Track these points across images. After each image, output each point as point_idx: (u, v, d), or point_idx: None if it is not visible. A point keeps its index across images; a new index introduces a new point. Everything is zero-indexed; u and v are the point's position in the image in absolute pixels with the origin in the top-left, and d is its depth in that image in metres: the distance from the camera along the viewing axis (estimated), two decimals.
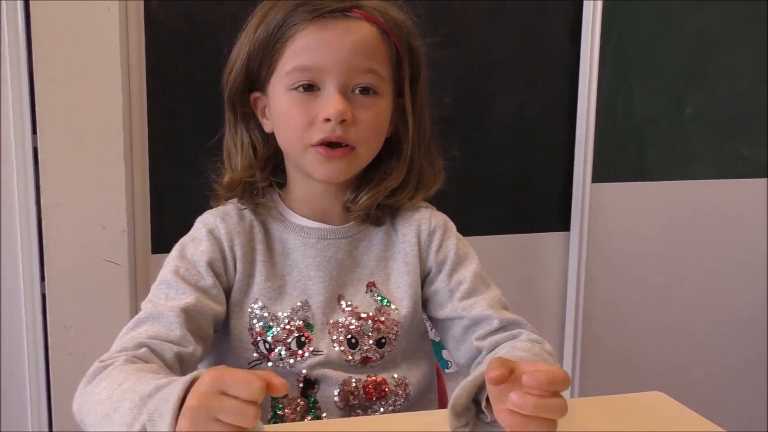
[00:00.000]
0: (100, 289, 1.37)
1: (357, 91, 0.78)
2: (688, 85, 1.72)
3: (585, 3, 1.60)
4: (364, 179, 0.85)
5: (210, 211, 0.85)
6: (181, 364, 0.72)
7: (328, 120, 0.76)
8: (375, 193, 0.83)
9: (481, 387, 0.64)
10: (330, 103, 0.76)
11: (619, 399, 0.76)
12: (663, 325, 1.80)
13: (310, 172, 0.80)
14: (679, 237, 1.77)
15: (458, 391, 0.64)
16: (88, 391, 0.67)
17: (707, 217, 1.78)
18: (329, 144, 0.77)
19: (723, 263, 1.81)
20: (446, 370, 1.64)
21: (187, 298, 0.76)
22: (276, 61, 0.79)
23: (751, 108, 1.76)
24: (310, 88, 0.77)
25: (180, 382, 0.56)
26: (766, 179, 1.80)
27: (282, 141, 0.82)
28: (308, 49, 0.76)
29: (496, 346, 0.80)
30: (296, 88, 0.78)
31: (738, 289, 1.83)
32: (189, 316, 0.75)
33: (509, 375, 0.57)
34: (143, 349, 0.70)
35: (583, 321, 1.71)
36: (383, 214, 0.86)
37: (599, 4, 1.59)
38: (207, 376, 0.53)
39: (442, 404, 0.94)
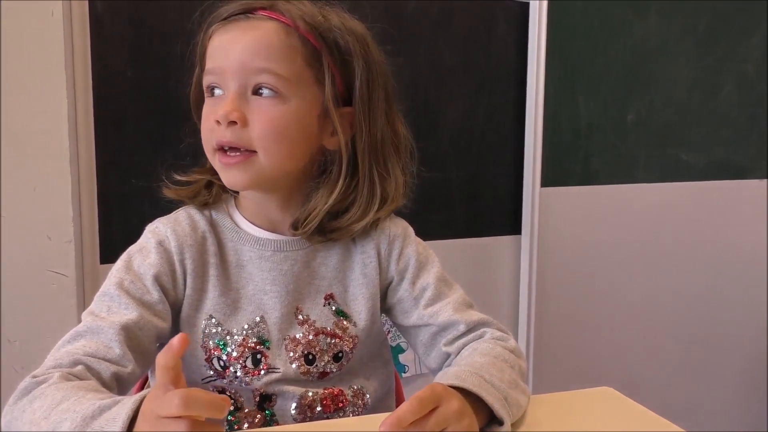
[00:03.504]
0: (46, 301, 1.33)
1: (258, 93, 0.75)
2: (629, 93, 1.78)
3: (530, 10, 1.64)
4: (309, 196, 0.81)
5: (160, 219, 0.82)
6: (119, 384, 0.70)
7: (219, 122, 0.74)
8: (315, 215, 0.78)
9: None
10: (221, 104, 0.75)
11: (569, 395, 0.78)
12: (611, 323, 1.85)
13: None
14: (623, 238, 1.83)
15: None
16: (19, 409, 0.64)
17: (649, 219, 1.85)
18: (227, 149, 0.75)
19: (666, 262, 1.89)
20: (403, 375, 1.65)
21: (130, 313, 0.73)
22: (205, 66, 0.80)
23: (687, 115, 1.85)
24: (216, 90, 0.77)
25: (130, 402, 0.55)
26: (703, 182, 1.89)
27: None
28: (214, 52, 0.77)
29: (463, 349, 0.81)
30: (207, 91, 0.78)
31: (682, 287, 1.91)
32: (130, 332, 0.72)
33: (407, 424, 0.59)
34: (79, 367, 0.67)
35: (536, 321, 1.75)
36: (331, 236, 0.81)
37: (544, 12, 1.64)
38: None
39: None
